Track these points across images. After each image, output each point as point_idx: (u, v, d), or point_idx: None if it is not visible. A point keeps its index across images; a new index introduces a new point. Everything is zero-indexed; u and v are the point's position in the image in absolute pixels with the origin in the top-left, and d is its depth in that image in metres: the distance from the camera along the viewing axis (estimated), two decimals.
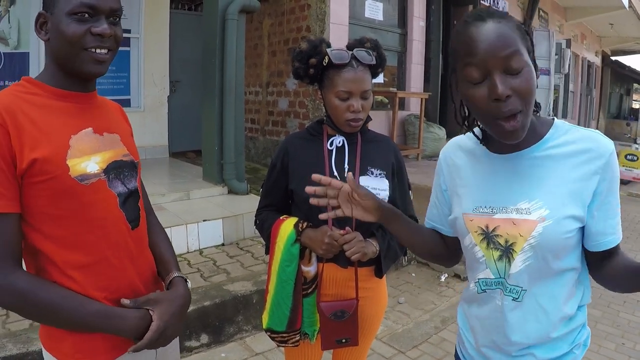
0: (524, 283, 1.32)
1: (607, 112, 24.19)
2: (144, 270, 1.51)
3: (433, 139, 8.15)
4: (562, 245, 1.27)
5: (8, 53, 6.34)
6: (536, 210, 1.27)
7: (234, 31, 5.54)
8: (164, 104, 8.07)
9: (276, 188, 2.07)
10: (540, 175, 1.30)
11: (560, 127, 1.34)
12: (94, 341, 1.36)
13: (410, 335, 3.96)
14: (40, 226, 1.29)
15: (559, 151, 1.30)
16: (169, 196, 5.48)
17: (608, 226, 1.30)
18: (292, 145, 2.03)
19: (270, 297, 1.98)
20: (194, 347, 3.56)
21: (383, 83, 8.38)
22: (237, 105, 5.79)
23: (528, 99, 1.19)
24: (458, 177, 1.48)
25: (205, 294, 3.80)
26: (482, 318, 1.45)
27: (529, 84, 1.18)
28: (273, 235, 1.98)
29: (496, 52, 1.15)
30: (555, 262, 1.29)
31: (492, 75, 1.16)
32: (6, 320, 3.28)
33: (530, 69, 1.19)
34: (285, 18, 7.64)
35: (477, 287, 1.43)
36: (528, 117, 1.21)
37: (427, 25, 9.16)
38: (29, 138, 1.24)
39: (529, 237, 1.27)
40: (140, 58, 7.60)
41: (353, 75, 1.86)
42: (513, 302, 1.34)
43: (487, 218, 1.35)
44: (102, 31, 1.30)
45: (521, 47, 1.17)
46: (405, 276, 5.19)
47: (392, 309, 4.41)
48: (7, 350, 2.87)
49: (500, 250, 1.33)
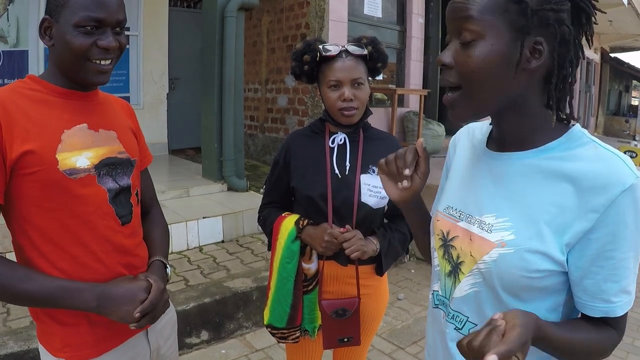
0: (471, 313, 1.11)
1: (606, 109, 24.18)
2: (135, 265, 1.51)
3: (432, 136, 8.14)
4: (520, 284, 1.01)
5: (7, 51, 6.34)
6: (499, 230, 1.04)
7: (233, 28, 5.54)
8: (163, 101, 8.07)
9: (278, 185, 2.08)
10: (522, 190, 1.05)
11: (575, 137, 1.04)
12: (82, 335, 1.38)
13: (410, 332, 3.97)
14: (31, 217, 1.31)
15: (559, 166, 1.01)
16: (169, 193, 5.48)
17: (603, 290, 1.00)
18: (295, 142, 2.04)
19: (271, 293, 1.99)
20: (194, 344, 3.57)
21: (382, 80, 8.37)
22: (237, 102, 5.79)
23: (468, 77, 1.00)
24: (452, 167, 1.31)
25: (205, 291, 3.81)
26: (429, 337, 1.30)
27: (474, 59, 0.98)
28: (275, 232, 1.99)
29: (451, 14, 1.01)
30: (514, 302, 1.03)
31: (451, 40, 1.03)
32: (7, 318, 3.29)
33: (487, 44, 0.97)
34: (284, 15, 7.63)
35: (432, 299, 1.26)
36: (470, 98, 1.02)
37: (426, 22, 9.14)
38: (20, 131, 1.26)
39: (479, 260, 1.06)
40: (139, 56, 7.61)
41: (342, 65, 1.87)
42: (455, 333, 1.15)
43: (452, 223, 1.17)
44: (107, 44, 1.32)
45: (485, 15, 0.96)
46: (404, 272, 5.20)
47: (392, 305, 4.42)
48: (8, 348, 2.89)
49: (451, 266, 1.15)
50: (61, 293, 1.28)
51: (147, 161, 1.72)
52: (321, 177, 1.93)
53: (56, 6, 1.30)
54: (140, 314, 1.31)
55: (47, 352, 1.40)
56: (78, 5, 1.28)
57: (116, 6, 1.34)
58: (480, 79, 0.99)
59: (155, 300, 1.36)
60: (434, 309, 1.24)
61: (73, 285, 1.30)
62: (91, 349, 1.40)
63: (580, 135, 1.04)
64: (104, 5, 1.30)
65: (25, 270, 1.29)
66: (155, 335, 1.58)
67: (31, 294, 1.26)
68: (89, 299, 1.29)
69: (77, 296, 1.29)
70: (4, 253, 3.51)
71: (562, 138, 1.04)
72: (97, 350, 1.41)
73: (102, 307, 1.30)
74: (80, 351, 1.39)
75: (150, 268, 1.55)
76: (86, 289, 1.30)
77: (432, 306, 1.26)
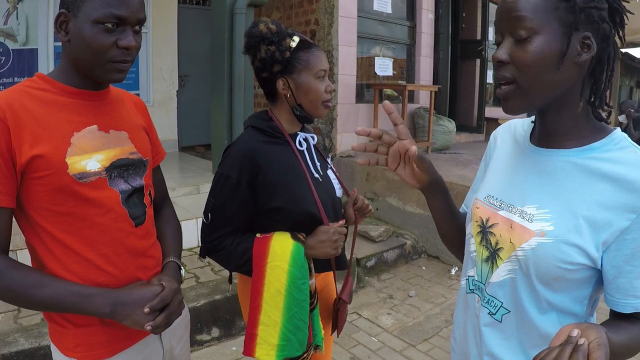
0: (506, 299, 1.16)
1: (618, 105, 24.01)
2: (149, 266, 1.50)
3: (443, 132, 8.10)
4: (554, 274, 1.07)
5: (17, 49, 6.35)
6: (540, 221, 1.10)
7: (242, 25, 5.51)
8: (173, 98, 8.08)
9: (243, 211, 1.75)
10: (564, 185, 1.11)
11: (616, 140, 1.11)
12: (94, 335, 1.37)
13: (421, 329, 3.96)
14: (42, 221, 1.30)
15: (600, 166, 1.08)
16: (179, 190, 5.49)
17: (635, 287, 1.05)
18: (259, 154, 1.72)
19: (278, 324, 1.71)
20: (205, 341, 3.58)
21: (392, 76, 8.35)
22: (247, 99, 5.78)
23: (524, 71, 1.05)
24: (494, 159, 1.36)
25: (216, 288, 3.82)
26: (459, 322, 1.35)
27: (530, 54, 1.04)
28: (259, 257, 1.71)
29: (505, 14, 1.06)
30: (545, 291, 1.10)
31: (504, 37, 1.08)
32: (18, 315, 3.31)
33: (543, 40, 1.03)
34: (294, 11, 7.61)
35: (467, 285, 1.30)
36: (524, 92, 1.08)
37: (435, 17, 9.10)
38: (29, 134, 1.24)
39: (518, 247, 1.12)
40: (149, 53, 7.61)
41: (322, 54, 1.80)
42: (489, 318, 1.20)
43: (492, 211, 1.22)
44: (128, 44, 1.30)
45: (538, 13, 1.02)
46: (415, 269, 5.18)
47: (403, 302, 4.41)
48: (19, 345, 2.91)
49: (489, 251, 1.20)
50: (74, 299, 1.27)
51: (160, 157, 1.70)
52: (306, 187, 1.77)
53: (75, 0, 1.27)
54: (150, 310, 1.29)
55: (58, 352, 1.40)
56: (99, 0, 1.25)
57: (138, 4, 1.32)
58: (536, 72, 1.05)
59: (167, 297, 1.35)
60: (468, 294, 1.29)
61: (86, 291, 1.29)
62: (103, 349, 1.39)
63: (622, 139, 1.11)
64: (127, 3, 1.28)
65: (38, 275, 1.28)
66: (168, 335, 1.56)
67: (44, 300, 1.26)
68: (102, 305, 1.28)
69: (91, 302, 1.28)
70: (16, 250, 3.53)
71: (605, 140, 1.11)
72: (109, 350, 1.40)
73: (116, 312, 1.29)
74: (93, 351, 1.38)
75: (164, 269, 1.53)
76: (99, 295, 1.29)
77: (465, 292, 1.30)
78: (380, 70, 8.10)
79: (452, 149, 8.28)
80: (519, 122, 1.35)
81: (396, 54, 8.53)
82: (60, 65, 1.38)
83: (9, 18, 6.25)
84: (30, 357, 2.90)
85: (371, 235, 5.37)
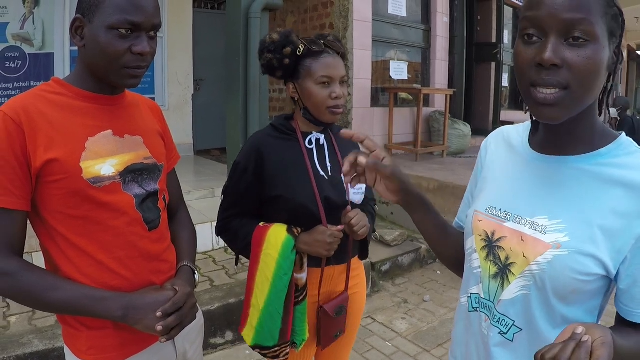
0: (518, 317, 1.10)
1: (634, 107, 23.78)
2: (163, 270, 1.50)
3: (458, 136, 8.07)
4: (572, 286, 1.02)
5: (33, 54, 6.42)
6: (554, 232, 1.04)
7: (257, 29, 5.53)
8: (188, 102, 8.12)
9: (249, 194, 1.89)
10: (575, 193, 1.05)
11: (624, 145, 1.07)
12: (107, 338, 1.37)
13: (436, 334, 3.93)
14: (56, 224, 1.31)
15: (611, 172, 1.03)
16: (194, 194, 5.50)
17: None
18: (265, 146, 1.87)
19: (259, 310, 1.83)
20: (218, 344, 3.58)
21: (407, 79, 8.33)
22: (262, 103, 5.79)
23: (580, 79, 0.96)
24: (488, 168, 1.29)
25: (230, 291, 3.82)
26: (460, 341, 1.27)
27: (588, 60, 0.95)
28: (256, 244, 1.83)
29: (559, 11, 0.94)
30: (560, 305, 1.05)
31: (547, 36, 0.96)
32: (32, 317, 3.33)
33: (599, 47, 0.95)
34: (309, 15, 7.63)
35: (469, 303, 1.23)
36: (574, 100, 0.98)
37: (450, 21, 9.08)
38: (44, 138, 1.25)
39: (533, 261, 1.05)
40: (164, 57, 7.65)
41: (332, 61, 1.83)
42: (500, 337, 1.14)
43: (497, 223, 1.15)
44: (142, 50, 1.30)
45: (595, 17, 0.94)
46: (430, 274, 5.14)
47: (417, 307, 4.39)
48: (33, 347, 2.93)
49: (498, 267, 1.13)
50: (87, 302, 1.27)
51: (174, 161, 1.70)
52: (307, 181, 1.84)
53: (90, 6, 1.27)
54: (162, 314, 1.29)
55: (71, 354, 1.40)
56: (114, 6, 1.25)
57: (153, 10, 1.32)
58: (592, 80, 0.98)
59: (179, 302, 1.34)
60: (471, 313, 1.22)
61: (99, 294, 1.29)
62: (116, 352, 1.39)
63: (629, 144, 1.08)
64: (142, 9, 1.28)
65: (52, 278, 1.28)
66: (181, 339, 1.55)
67: (58, 302, 1.26)
68: (114, 309, 1.28)
69: (103, 305, 1.28)
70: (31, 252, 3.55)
71: (612, 145, 1.07)
72: (122, 353, 1.40)
73: (128, 316, 1.29)
74: (105, 354, 1.38)
75: (178, 274, 1.53)
76: (112, 298, 1.30)
77: (467, 310, 1.23)
78: (395, 74, 8.09)
79: (467, 152, 8.24)
80: (512, 128, 1.29)
81: (411, 57, 8.52)
82: (75, 69, 1.39)
83: (25, 23, 6.32)
84: (44, 359, 2.92)
85: (386, 239, 5.34)
